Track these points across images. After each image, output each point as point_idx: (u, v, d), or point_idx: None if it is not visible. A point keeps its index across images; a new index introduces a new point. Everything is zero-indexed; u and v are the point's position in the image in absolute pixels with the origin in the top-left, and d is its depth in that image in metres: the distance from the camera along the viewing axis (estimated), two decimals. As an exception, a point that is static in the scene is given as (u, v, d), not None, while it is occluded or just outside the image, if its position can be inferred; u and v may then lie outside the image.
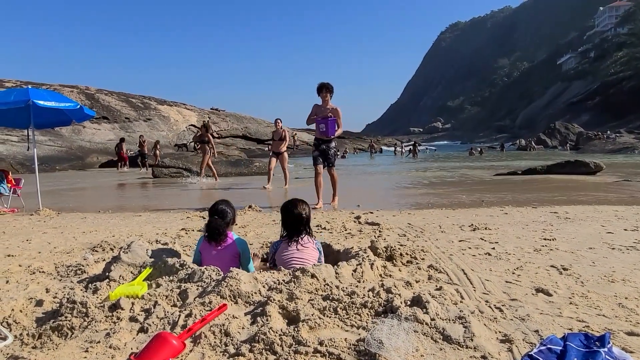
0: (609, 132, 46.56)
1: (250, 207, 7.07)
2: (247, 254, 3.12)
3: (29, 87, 7.80)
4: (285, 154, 11.53)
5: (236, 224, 3.65)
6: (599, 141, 42.01)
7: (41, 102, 7.34)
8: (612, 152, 33.75)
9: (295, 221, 3.03)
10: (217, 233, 2.98)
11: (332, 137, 7.30)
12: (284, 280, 2.53)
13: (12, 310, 2.44)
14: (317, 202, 7.21)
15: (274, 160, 11.41)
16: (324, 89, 7.32)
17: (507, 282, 2.91)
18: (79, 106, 8.15)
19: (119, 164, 22.09)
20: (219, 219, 3.02)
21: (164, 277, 2.77)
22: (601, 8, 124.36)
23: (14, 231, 5.48)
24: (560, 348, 1.82)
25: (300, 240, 3.01)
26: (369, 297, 2.31)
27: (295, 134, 44.87)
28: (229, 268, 2.63)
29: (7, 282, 3.16)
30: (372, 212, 6.43)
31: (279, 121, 11.52)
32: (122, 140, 22.84)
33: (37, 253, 4.13)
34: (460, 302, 2.44)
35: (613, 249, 3.83)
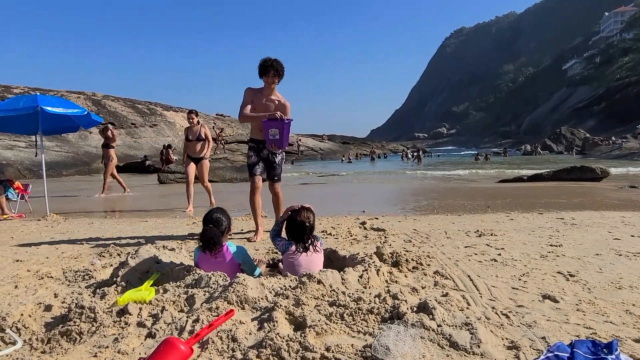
0: (613, 137, 46.32)
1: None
2: (248, 261, 3.09)
3: (38, 93, 7.89)
4: (207, 162, 8.41)
5: (231, 233, 3.36)
6: (605, 146, 41.81)
7: (49, 109, 7.43)
8: (618, 157, 33.55)
9: (301, 229, 3.02)
10: (212, 242, 2.89)
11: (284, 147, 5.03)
12: (290, 286, 2.54)
13: (22, 315, 2.46)
14: (256, 233, 5.06)
15: (191, 168, 8.26)
16: (272, 71, 4.78)
17: (513, 288, 2.90)
18: (86, 112, 8.23)
19: (165, 166, 21.76)
20: (213, 228, 2.93)
21: (171, 282, 2.78)
22: (606, 13, 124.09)
23: (22, 236, 5.52)
24: (568, 355, 1.82)
25: (308, 247, 3.01)
26: (375, 303, 2.32)
27: (300, 139, 45.01)
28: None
29: (16, 287, 3.19)
30: (377, 218, 6.43)
31: (193, 115, 8.24)
32: (168, 146, 23.67)
33: (45, 258, 4.16)
34: (467, 308, 2.44)
35: (620, 255, 3.81)
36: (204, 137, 8.23)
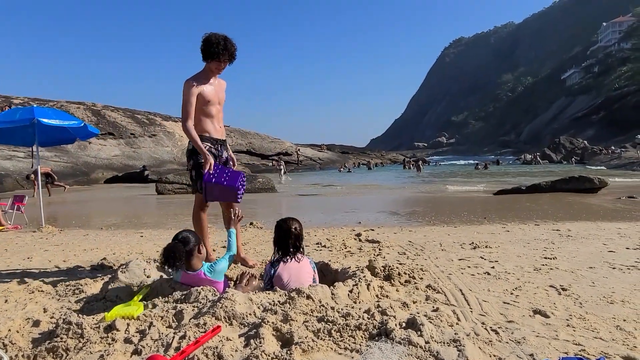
0: (613, 147, 46.41)
1: (251, 224, 7.08)
2: (217, 270, 3.01)
3: (34, 105, 7.92)
4: None
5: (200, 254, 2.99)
6: (605, 156, 41.88)
7: (45, 120, 7.45)
8: (617, 167, 33.57)
9: (288, 237, 3.01)
10: (172, 257, 2.75)
11: None
12: (279, 302, 2.52)
13: (9, 330, 2.45)
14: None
15: None
16: (226, 55, 3.75)
17: (504, 302, 2.89)
18: (83, 124, 8.25)
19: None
20: (178, 243, 2.83)
21: (160, 297, 2.77)
22: (604, 23, 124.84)
23: (16, 248, 5.50)
24: (554, 373, 1.80)
25: (295, 258, 2.98)
26: (363, 318, 2.30)
27: (299, 149, 45.06)
28: None
29: (6, 301, 3.17)
30: (373, 229, 6.42)
31: None
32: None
33: (38, 271, 4.14)
34: (456, 324, 2.42)
35: (614, 268, 3.80)
36: None
